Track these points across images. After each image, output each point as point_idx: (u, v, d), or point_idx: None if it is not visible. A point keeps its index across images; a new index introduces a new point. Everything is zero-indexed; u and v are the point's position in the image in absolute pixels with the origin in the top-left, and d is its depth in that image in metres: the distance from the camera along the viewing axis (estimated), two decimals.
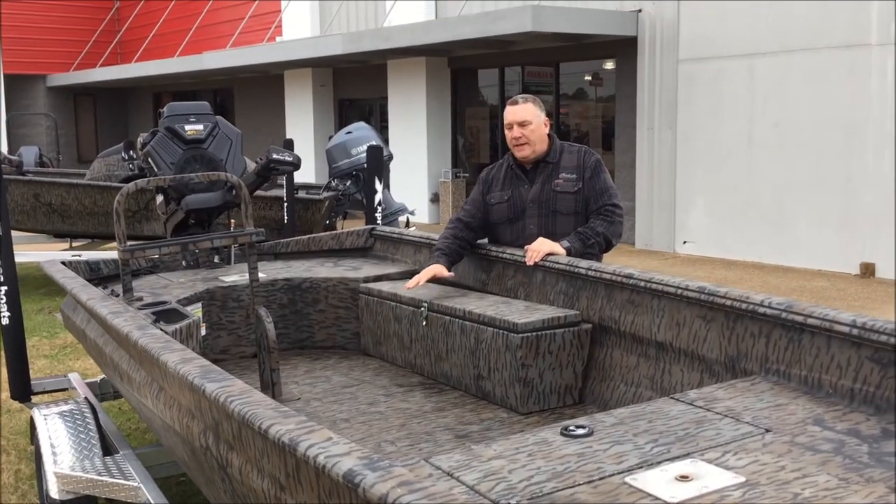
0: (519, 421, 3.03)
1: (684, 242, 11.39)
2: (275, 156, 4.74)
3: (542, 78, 14.01)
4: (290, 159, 4.79)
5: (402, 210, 8.83)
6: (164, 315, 3.18)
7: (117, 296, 3.37)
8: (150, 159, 4.77)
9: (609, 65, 12.85)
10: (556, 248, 3.46)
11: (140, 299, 3.44)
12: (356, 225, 4.83)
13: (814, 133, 9.83)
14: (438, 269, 3.67)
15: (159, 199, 4.86)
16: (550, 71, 13.74)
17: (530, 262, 3.45)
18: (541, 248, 3.45)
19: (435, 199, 15.01)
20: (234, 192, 4.71)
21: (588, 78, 13.57)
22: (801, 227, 10.04)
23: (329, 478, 1.50)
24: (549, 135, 3.74)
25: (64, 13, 23.53)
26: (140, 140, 4.90)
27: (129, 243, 3.33)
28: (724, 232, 10.85)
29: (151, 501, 2.90)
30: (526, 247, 3.53)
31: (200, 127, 4.79)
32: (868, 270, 9.36)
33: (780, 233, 10.24)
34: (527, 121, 3.63)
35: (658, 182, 11.67)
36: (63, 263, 4.08)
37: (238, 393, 1.89)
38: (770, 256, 10.32)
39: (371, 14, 16.50)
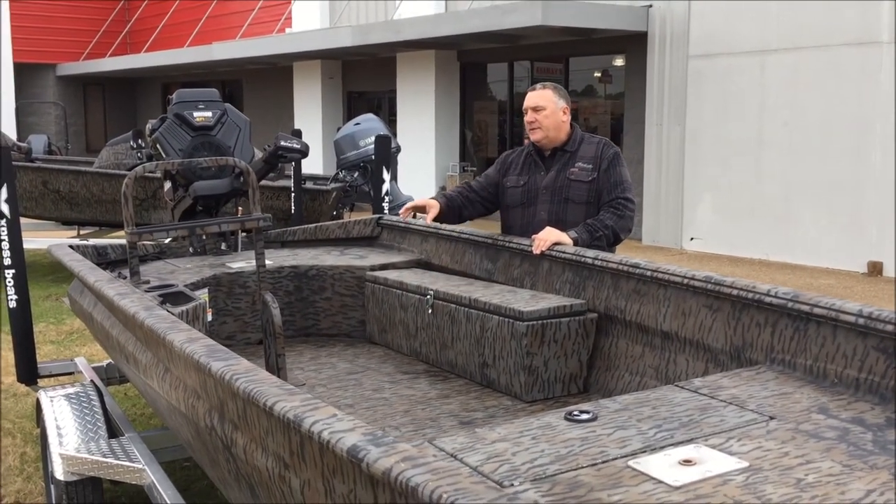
0: (523, 409, 3.03)
1: (691, 239, 11.37)
2: (283, 143, 4.75)
3: (552, 74, 13.99)
4: (299, 147, 4.79)
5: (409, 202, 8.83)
6: (171, 297, 3.19)
7: (124, 278, 3.39)
8: (158, 145, 4.77)
9: (618, 60, 12.82)
10: (563, 237, 3.46)
11: (147, 282, 3.45)
12: (363, 217, 4.85)
13: (823, 131, 9.80)
14: (430, 202, 3.94)
15: (167, 185, 4.87)
16: (560, 67, 13.72)
17: (537, 251, 3.46)
18: (547, 238, 3.45)
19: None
20: (241, 179, 4.71)
21: (597, 74, 13.54)
22: (808, 224, 10.01)
23: (333, 454, 1.51)
24: (571, 124, 3.79)
25: (74, 2, 23.58)
26: (149, 126, 4.90)
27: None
28: (732, 229, 10.83)
29: (156, 483, 2.91)
30: (533, 236, 3.53)
31: (209, 114, 4.79)
32: (875, 269, 9.33)
33: (787, 230, 10.22)
34: (540, 106, 3.70)
35: (666, 178, 11.65)
36: (71, 247, 4.10)
37: (243, 371, 1.90)
38: (777, 254, 10.29)
39: (381, 7, 16.50)
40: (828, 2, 9.63)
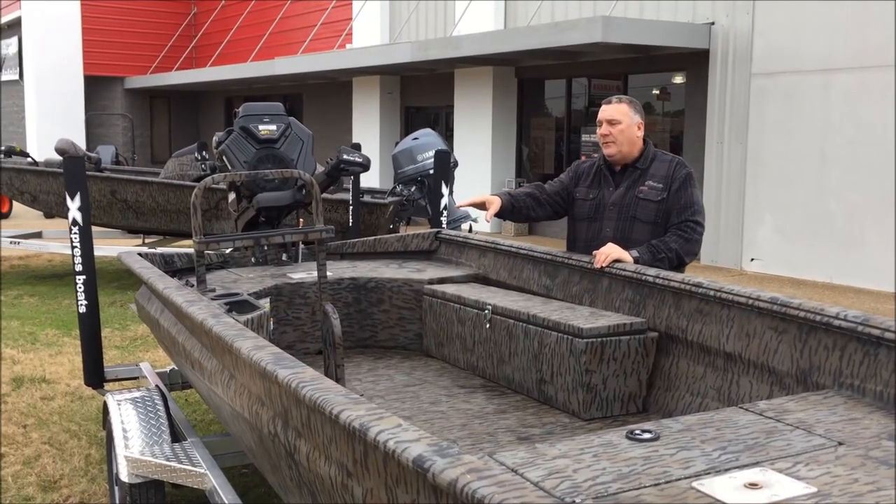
0: (581, 426, 3.01)
1: (752, 259, 11.16)
2: (345, 156, 4.83)
3: (610, 91, 13.93)
4: (360, 160, 4.86)
5: (465, 217, 8.87)
6: (237, 306, 3.26)
7: (191, 286, 3.47)
8: (224, 157, 4.89)
9: (679, 78, 12.71)
10: (625, 255, 3.43)
11: (213, 290, 3.53)
12: (419, 231, 4.89)
13: (888, 150, 9.55)
14: (491, 198, 3.86)
15: (231, 196, 4.98)
16: (618, 84, 13.65)
17: (598, 265, 3.44)
18: (609, 253, 3.43)
19: None
20: (303, 191, 4.80)
21: (657, 91, 13.44)
22: (874, 247, 9.74)
23: (398, 463, 1.53)
24: (644, 140, 3.72)
25: (143, 18, 24.33)
26: (215, 139, 5.03)
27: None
28: (794, 250, 10.60)
29: (217, 488, 2.97)
30: (594, 251, 3.52)
31: (274, 127, 4.90)
32: None
33: (852, 253, 9.96)
34: (616, 119, 3.64)
35: (726, 197, 11.47)
36: (140, 255, 4.21)
37: (309, 379, 1.93)
38: (841, 277, 10.04)
39: (440, 22, 16.64)
40: (893, 20, 9.42)
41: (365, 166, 4.99)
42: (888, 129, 9.58)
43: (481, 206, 3.87)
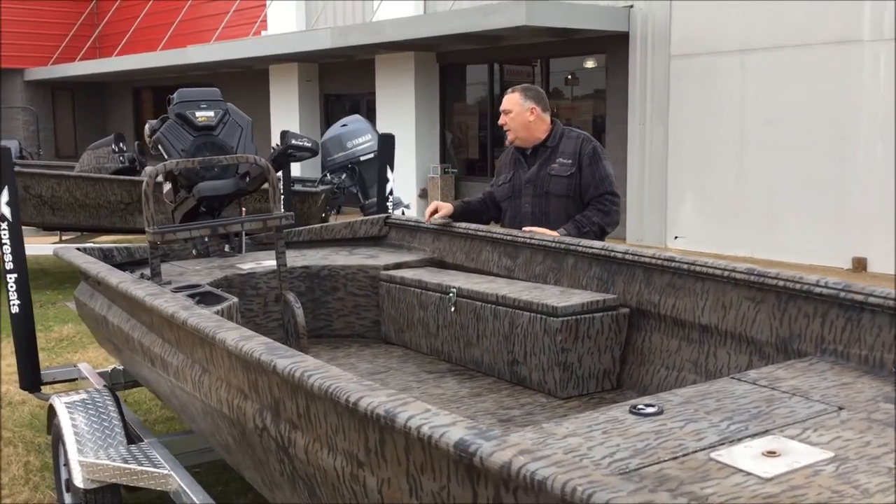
0: (560, 405, 2.99)
1: (675, 237, 11.43)
2: (293, 141, 4.67)
3: (520, 76, 13.99)
4: (309, 145, 4.72)
5: (398, 204, 8.78)
6: (203, 297, 3.11)
7: (148, 279, 3.30)
8: (159, 146, 4.67)
9: (599, 61, 12.88)
10: (552, 235, 3.69)
11: (168, 283, 3.36)
12: (350, 219, 4.79)
13: (805, 129, 9.91)
14: (444, 204, 4.15)
15: (166, 187, 4.76)
16: (528, 70, 13.74)
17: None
18: (537, 230, 3.75)
19: (423, 194, 14.96)
20: (246, 179, 4.63)
21: (578, 74, 13.59)
22: (792, 222, 10.11)
23: (434, 448, 1.45)
24: (552, 120, 4.02)
25: (42, 6, 23.19)
26: (148, 128, 4.80)
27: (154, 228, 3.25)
28: (716, 227, 10.91)
29: (185, 487, 2.84)
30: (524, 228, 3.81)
31: (211, 113, 4.70)
32: (860, 265, 9.45)
33: (771, 228, 10.31)
34: (507, 109, 3.97)
35: (649, 177, 11.71)
36: (78, 250, 3.99)
37: (314, 368, 1.84)
38: (761, 251, 10.39)
39: (358, 9, 16.41)
40: (809, 1, 9.75)
41: (314, 151, 4.85)
42: (802, 108, 9.93)
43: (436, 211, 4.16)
